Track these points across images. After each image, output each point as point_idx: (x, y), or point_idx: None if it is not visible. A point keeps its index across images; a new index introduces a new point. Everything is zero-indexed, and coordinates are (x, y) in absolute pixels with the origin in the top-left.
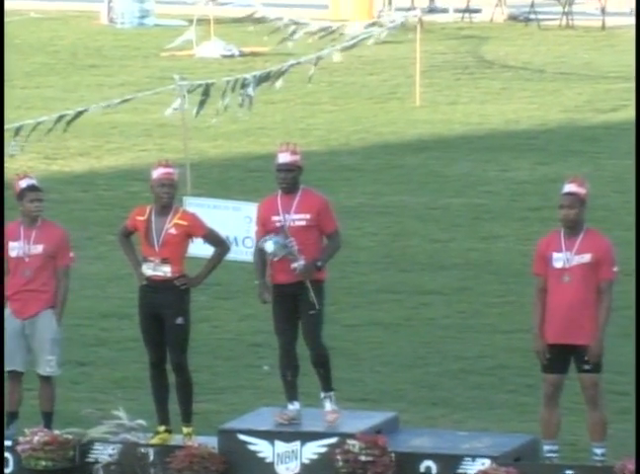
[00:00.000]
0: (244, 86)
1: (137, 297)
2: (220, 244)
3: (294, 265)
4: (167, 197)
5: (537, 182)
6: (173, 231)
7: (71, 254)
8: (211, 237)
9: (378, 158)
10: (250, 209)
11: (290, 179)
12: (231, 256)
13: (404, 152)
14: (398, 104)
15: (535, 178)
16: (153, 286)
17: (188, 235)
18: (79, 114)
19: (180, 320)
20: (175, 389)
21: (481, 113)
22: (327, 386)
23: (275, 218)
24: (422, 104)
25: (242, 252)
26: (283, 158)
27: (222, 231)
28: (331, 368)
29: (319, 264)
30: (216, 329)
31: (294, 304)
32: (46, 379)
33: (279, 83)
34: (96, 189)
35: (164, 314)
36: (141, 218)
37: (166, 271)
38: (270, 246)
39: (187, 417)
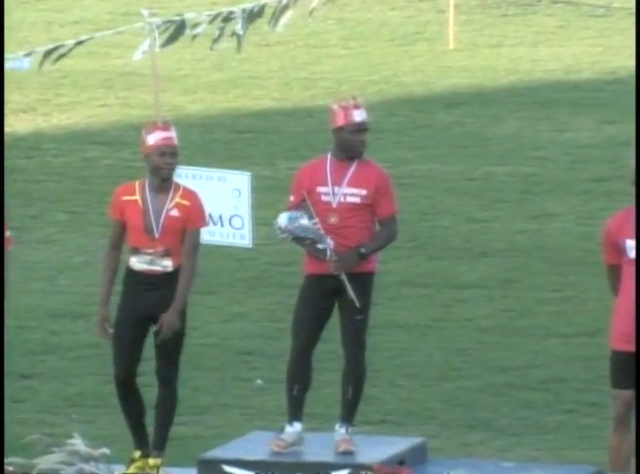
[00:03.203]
0: (227, 21)
1: (121, 296)
2: (194, 255)
3: (321, 246)
4: (169, 170)
5: (603, 145)
6: (175, 213)
7: (7, 233)
8: (196, 237)
9: (401, 115)
10: (239, 180)
11: (364, 141)
12: (215, 239)
13: (434, 108)
14: (427, 46)
15: (601, 140)
16: (146, 283)
17: (186, 220)
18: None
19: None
20: (154, 406)
21: (532, 57)
22: (349, 415)
23: (321, 190)
24: (457, 46)
25: (228, 234)
26: (361, 115)
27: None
28: (361, 394)
29: (363, 250)
30: (196, 332)
31: (329, 303)
32: None
33: (279, 25)
34: (43, 154)
35: (156, 316)
36: (130, 198)
37: (166, 265)
38: (283, 219)
39: (161, 443)
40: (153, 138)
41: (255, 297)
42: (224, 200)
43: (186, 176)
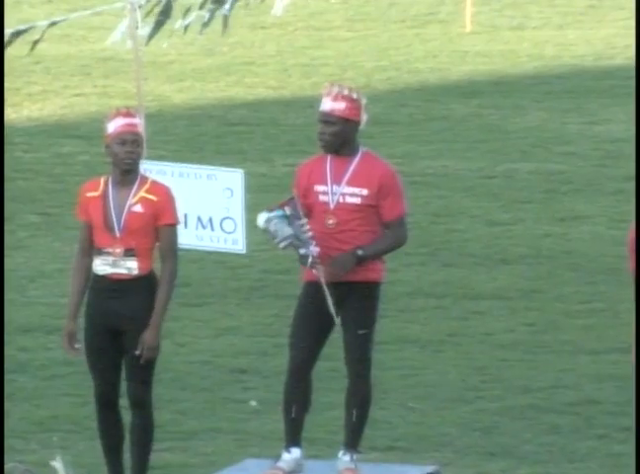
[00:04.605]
0: (218, 2)
1: (86, 304)
2: (170, 257)
3: (303, 251)
4: (130, 160)
5: (637, 139)
6: (138, 209)
7: None
8: (170, 237)
9: (412, 106)
10: (231, 178)
11: (330, 135)
12: (205, 244)
13: (449, 98)
14: (441, 29)
15: (635, 134)
16: (111, 288)
17: (155, 217)
18: None
19: None
20: (128, 432)
21: (558, 41)
22: (353, 441)
23: (319, 188)
24: (474, 29)
25: (219, 239)
26: (325, 105)
27: (192, 208)
28: (367, 417)
29: (360, 252)
30: (183, 348)
31: (330, 315)
32: None
33: (278, 7)
34: (13, 149)
35: (125, 328)
36: (94, 194)
37: (131, 267)
38: (261, 219)
39: (140, 473)
40: (113, 126)
41: (249, 309)
42: (215, 201)
43: (172, 173)
